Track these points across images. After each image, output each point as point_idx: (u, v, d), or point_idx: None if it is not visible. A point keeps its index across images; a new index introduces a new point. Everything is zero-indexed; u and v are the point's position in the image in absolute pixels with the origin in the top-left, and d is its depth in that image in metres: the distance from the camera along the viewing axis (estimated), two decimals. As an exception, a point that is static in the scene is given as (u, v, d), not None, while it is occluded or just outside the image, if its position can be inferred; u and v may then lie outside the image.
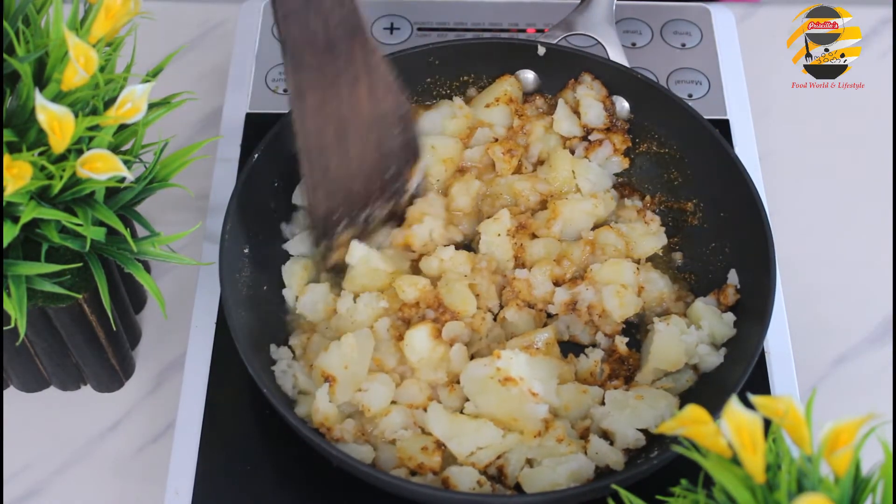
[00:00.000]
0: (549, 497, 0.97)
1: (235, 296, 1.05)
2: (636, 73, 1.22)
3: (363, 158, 1.10)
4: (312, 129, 1.05)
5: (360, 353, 1.04)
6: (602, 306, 1.10)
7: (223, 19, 1.46)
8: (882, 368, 1.18)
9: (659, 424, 1.00)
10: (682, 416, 0.72)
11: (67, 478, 1.09)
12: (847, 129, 1.37)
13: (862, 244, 1.27)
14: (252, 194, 1.12)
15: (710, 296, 1.12)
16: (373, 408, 1.03)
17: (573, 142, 1.22)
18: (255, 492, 1.04)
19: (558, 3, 1.36)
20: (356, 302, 1.09)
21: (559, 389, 1.05)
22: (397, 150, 1.12)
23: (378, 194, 1.13)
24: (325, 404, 1.02)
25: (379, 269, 1.12)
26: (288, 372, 1.06)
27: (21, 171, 0.83)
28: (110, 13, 0.90)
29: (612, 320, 1.11)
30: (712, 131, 1.15)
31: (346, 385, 1.03)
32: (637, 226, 1.17)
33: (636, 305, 1.11)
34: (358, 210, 1.12)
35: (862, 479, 0.74)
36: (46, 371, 1.11)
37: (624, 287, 1.10)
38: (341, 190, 1.09)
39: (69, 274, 0.99)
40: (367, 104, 1.07)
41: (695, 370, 1.08)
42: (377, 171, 1.12)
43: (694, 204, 1.18)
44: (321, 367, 1.04)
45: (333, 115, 1.05)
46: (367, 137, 1.09)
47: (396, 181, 1.14)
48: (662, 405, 1.03)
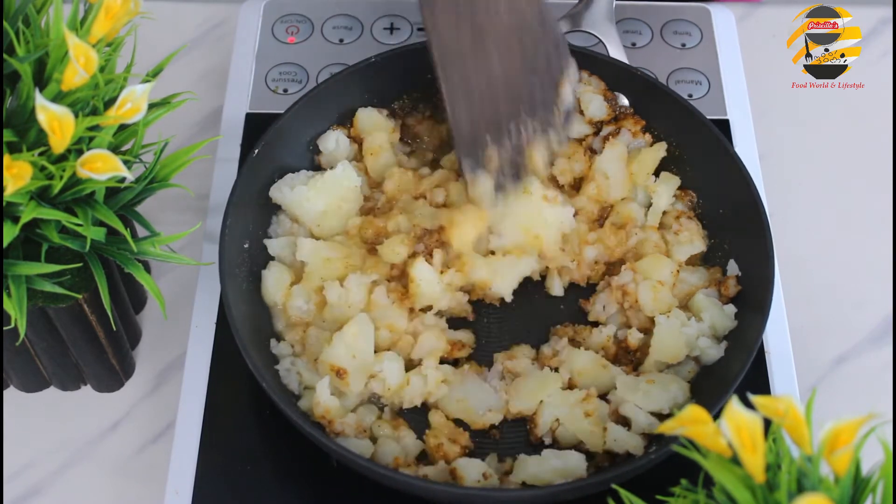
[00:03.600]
0: (546, 492, 0.97)
1: (235, 290, 1.05)
2: (635, 69, 1.22)
3: (508, 70, 1.03)
4: (445, 37, 1.01)
5: (363, 339, 1.05)
6: (636, 296, 1.11)
7: (223, 19, 1.46)
8: (882, 368, 1.18)
9: (671, 407, 1.02)
10: (682, 416, 0.72)
11: (67, 478, 1.09)
12: (847, 129, 1.37)
13: (862, 244, 1.27)
14: (253, 188, 1.13)
15: (711, 287, 1.12)
16: (393, 384, 1.04)
17: (589, 140, 1.22)
18: (255, 492, 1.04)
19: (558, 3, 1.36)
20: (345, 286, 1.08)
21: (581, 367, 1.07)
22: (543, 59, 1.06)
23: (528, 109, 1.05)
24: (326, 396, 1.02)
25: (332, 258, 1.11)
26: (292, 370, 1.06)
27: (21, 171, 0.83)
28: (110, 13, 0.90)
29: (642, 315, 1.11)
30: (711, 127, 1.15)
31: (357, 374, 1.03)
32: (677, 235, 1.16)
33: (670, 304, 1.10)
34: (506, 124, 1.05)
35: (862, 479, 0.74)
36: (46, 371, 1.11)
37: (661, 283, 1.10)
38: (487, 106, 1.04)
39: (69, 274, 0.99)
40: (507, 14, 1.02)
41: (696, 362, 1.08)
42: (523, 84, 1.05)
43: (693, 201, 1.18)
44: (329, 361, 1.04)
45: (467, 22, 1.01)
46: (511, 49, 1.03)
47: (545, 92, 1.06)
48: (674, 388, 1.04)
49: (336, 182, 1.14)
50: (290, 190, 1.14)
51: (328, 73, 1.32)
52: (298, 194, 1.14)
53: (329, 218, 1.15)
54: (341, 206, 1.15)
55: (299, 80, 1.33)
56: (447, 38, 1.01)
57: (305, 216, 1.14)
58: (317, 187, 1.14)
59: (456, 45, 1.02)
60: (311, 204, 1.14)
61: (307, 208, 1.14)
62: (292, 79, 1.34)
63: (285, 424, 0.99)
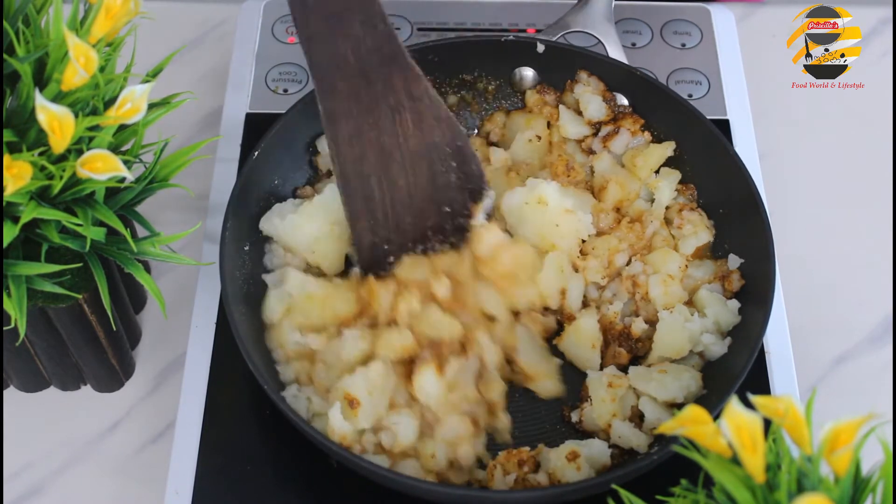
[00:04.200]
0: (547, 492, 0.97)
1: (235, 292, 1.05)
2: (634, 69, 1.22)
3: (414, 191, 1.04)
4: (349, 156, 1.00)
5: (384, 382, 1.02)
6: (647, 288, 1.11)
7: (223, 19, 1.46)
8: (882, 368, 1.18)
9: (685, 395, 1.02)
10: (682, 416, 0.72)
11: (67, 478, 1.09)
12: (847, 129, 1.37)
13: (862, 244, 1.27)
14: (253, 190, 1.12)
15: (715, 282, 1.12)
16: (403, 443, 1.00)
17: (588, 141, 1.22)
18: (255, 492, 1.04)
19: (559, 3, 1.36)
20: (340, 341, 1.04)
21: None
22: (455, 183, 1.06)
23: (435, 230, 1.07)
24: (340, 423, 0.99)
25: (314, 296, 1.07)
26: (300, 396, 1.04)
27: (21, 171, 0.83)
28: (110, 13, 0.90)
29: (651, 307, 1.11)
30: (710, 128, 1.15)
31: (368, 412, 1.00)
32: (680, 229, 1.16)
33: (680, 298, 1.10)
34: (412, 245, 1.07)
35: (862, 479, 0.74)
36: (46, 371, 1.11)
37: (671, 277, 1.11)
38: (390, 222, 1.05)
39: (69, 274, 0.99)
40: (415, 135, 1.01)
41: (701, 357, 1.08)
42: (432, 206, 1.06)
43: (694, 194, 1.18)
44: (345, 388, 1.00)
45: (374, 144, 1.00)
46: (417, 169, 1.03)
47: (457, 217, 1.07)
48: (686, 377, 1.04)
49: (325, 206, 1.11)
50: (281, 220, 1.11)
51: (328, 73, 1.32)
52: (289, 224, 1.10)
53: (323, 243, 1.11)
54: (333, 230, 1.11)
55: (299, 80, 1.33)
56: (351, 162, 1.00)
57: (299, 245, 1.11)
58: (307, 214, 1.11)
59: (361, 168, 1.01)
60: (302, 232, 1.10)
61: (299, 237, 1.11)
62: (292, 79, 1.34)
63: (285, 424, 0.99)
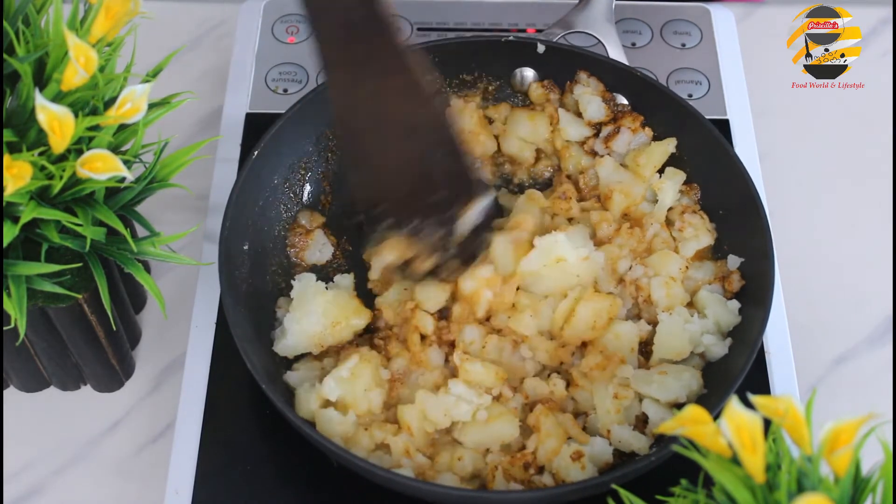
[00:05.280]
0: (547, 493, 0.97)
1: (235, 291, 1.05)
2: (634, 70, 1.22)
3: (404, 163, 1.06)
4: (344, 105, 1.02)
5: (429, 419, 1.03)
6: (648, 292, 1.11)
7: (223, 19, 1.46)
8: (882, 368, 1.18)
9: (687, 394, 1.02)
10: (682, 416, 0.72)
11: (67, 478, 1.09)
12: (847, 129, 1.37)
13: (862, 244, 1.27)
14: (253, 190, 1.12)
15: (715, 283, 1.12)
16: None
17: (591, 142, 1.22)
18: (255, 492, 1.04)
19: (559, 3, 1.36)
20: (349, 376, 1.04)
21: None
22: (445, 175, 1.07)
23: (427, 211, 1.07)
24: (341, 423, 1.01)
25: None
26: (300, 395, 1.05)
27: (21, 171, 0.83)
28: (110, 13, 0.90)
29: (654, 310, 1.10)
30: (710, 128, 1.15)
31: (420, 437, 1.02)
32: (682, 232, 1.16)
33: (682, 300, 1.10)
34: (405, 216, 1.07)
35: (862, 479, 0.74)
36: (46, 371, 1.11)
37: (672, 279, 1.10)
38: (383, 184, 1.07)
39: (69, 274, 0.99)
40: (402, 106, 1.03)
41: (702, 358, 1.08)
42: (423, 186, 1.07)
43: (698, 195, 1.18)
44: (402, 418, 1.02)
45: (365, 102, 1.02)
46: (406, 144, 1.05)
47: (446, 209, 1.08)
48: (687, 376, 1.04)
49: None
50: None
51: (328, 73, 1.32)
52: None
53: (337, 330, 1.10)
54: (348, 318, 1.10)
55: (299, 80, 1.34)
56: (347, 111, 1.02)
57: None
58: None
59: (356, 122, 1.03)
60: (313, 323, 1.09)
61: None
62: (292, 79, 1.34)
63: (285, 424, 0.99)
